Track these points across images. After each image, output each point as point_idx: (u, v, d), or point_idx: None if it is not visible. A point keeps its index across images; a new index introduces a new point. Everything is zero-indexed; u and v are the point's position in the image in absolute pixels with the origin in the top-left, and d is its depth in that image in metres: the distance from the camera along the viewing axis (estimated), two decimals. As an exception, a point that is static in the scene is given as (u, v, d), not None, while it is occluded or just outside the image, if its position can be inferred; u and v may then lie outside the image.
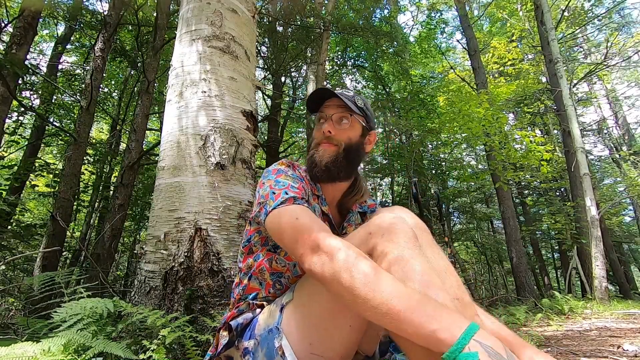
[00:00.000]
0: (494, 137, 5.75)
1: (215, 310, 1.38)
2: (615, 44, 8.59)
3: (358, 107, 0.98)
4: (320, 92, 1.00)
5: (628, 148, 11.22)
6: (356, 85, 10.65)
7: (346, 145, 0.97)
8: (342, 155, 0.97)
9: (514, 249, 6.57)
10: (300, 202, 0.83)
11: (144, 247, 1.56)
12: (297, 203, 0.83)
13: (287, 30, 6.79)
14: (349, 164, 0.99)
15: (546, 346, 1.90)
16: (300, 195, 0.85)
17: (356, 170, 1.05)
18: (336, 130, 0.97)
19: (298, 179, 0.93)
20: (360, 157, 1.03)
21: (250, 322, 0.90)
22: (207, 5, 1.83)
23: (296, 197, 0.84)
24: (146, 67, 4.54)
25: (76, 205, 5.23)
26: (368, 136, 1.04)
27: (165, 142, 1.69)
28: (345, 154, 0.97)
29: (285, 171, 0.95)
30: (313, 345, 0.77)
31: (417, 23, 12.28)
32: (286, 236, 0.78)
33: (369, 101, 1.12)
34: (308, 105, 1.04)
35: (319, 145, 0.99)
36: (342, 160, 0.97)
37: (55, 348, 0.82)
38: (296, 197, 0.84)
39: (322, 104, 1.02)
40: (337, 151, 0.97)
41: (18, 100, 3.64)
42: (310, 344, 0.77)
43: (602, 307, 4.01)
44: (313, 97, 1.01)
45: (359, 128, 1.01)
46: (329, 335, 0.76)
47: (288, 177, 0.92)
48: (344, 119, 0.98)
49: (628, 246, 13.59)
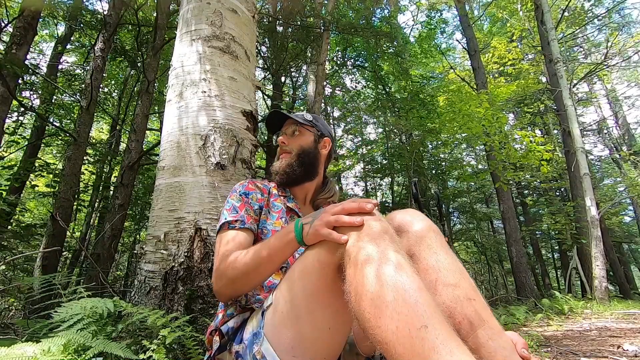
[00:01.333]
0: (494, 137, 5.75)
1: (215, 310, 1.39)
2: (615, 44, 8.59)
3: (306, 120, 1.18)
4: (274, 115, 1.21)
5: (628, 148, 11.22)
6: (356, 85, 10.66)
7: (299, 151, 1.15)
8: (294, 159, 1.14)
9: (514, 249, 6.58)
10: (232, 227, 0.99)
11: (144, 247, 1.56)
12: (230, 228, 0.99)
13: (287, 30, 6.79)
14: (304, 166, 1.15)
15: (546, 346, 1.90)
16: (235, 218, 1.00)
17: (318, 171, 1.20)
18: (289, 140, 1.17)
19: (244, 195, 1.07)
20: (317, 160, 1.19)
21: (240, 325, 0.93)
22: (207, 5, 1.83)
23: (230, 221, 0.99)
24: (146, 67, 4.54)
25: (76, 205, 5.23)
26: (322, 141, 1.21)
27: (165, 142, 1.69)
28: (298, 158, 1.14)
29: (237, 189, 1.09)
30: (295, 349, 0.77)
31: (417, 23, 12.28)
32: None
33: (320, 117, 1.32)
34: (267, 127, 1.26)
35: (279, 156, 1.19)
36: (295, 163, 1.14)
37: (55, 348, 0.82)
38: (230, 221, 0.99)
39: (281, 127, 1.22)
40: (291, 157, 1.15)
41: (18, 100, 3.64)
42: (292, 347, 0.77)
43: (602, 307, 4.01)
44: (270, 120, 1.22)
45: (310, 135, 1.19)
46: (309, 338, 0.76)
47: (234, 196, 1.07)
48: (295, 131, 1.18)
49: (628, 246, 13.60)
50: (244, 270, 0.86)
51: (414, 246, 0.83)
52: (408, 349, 0.53)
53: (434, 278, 0.79)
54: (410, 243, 0.83)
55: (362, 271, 0.63)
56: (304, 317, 0.76)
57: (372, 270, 0.62)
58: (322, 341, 0.77)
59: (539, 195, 11.49)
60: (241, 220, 1.00)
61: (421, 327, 0.54)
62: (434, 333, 0.53)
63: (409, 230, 0.85)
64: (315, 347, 0.77)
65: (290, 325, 0.77)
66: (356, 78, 10.51)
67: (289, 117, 1.19)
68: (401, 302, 0.57)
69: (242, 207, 1.03)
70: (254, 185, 1.12)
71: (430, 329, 0.53)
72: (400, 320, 0.55)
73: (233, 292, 0.92)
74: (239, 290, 0.92)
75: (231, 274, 0.88)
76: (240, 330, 0.91)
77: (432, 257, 0.81)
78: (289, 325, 0.77)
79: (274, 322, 0.80)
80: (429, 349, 0.52)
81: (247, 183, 1.12)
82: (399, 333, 0.55)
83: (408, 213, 0.90)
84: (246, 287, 0.90)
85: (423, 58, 10.55)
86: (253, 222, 1.02)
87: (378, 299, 0.59)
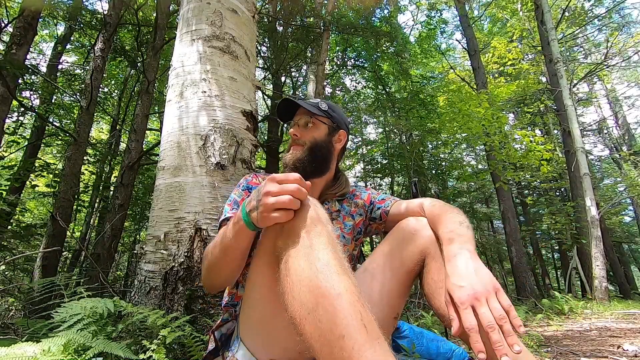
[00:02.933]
0: (494, 137, 5.75)
1: (215, 310, 1.39)
2: (615, 44, 8.59)
3: (321, 109, 1.08)
4: (286, 103, 1.11)
5: (628, 148, 11.22)
6: (356, 86, 10.65)
7: (311, 144, 1.07)
8: (306, 153, 1.06)
9: (514, 249, 6.58)
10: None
11: (144, 247, 1.56)
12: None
13: (287, 30, 6.79)
14: (316, 160, 1.07)
15: (546, 346, 1.90)
16: (233, 215, 0.96)
17: (329, 167, 1.12)
18: (302, 133, 1.08)
19: (247, 189, 1.04)
20: (330, 154, 1.10)
21: (232, 331, 0.92)
22: (207, 5, 1.83)
23: (229, 218, 0.95)
24: (146, 67, 4.54)
25: (76, 205, 5.23)
26: (337, 135, 1.12)
27: (166, 142, 1.68)
28: (310, 152, 1.06)
29: (241, 184, 1.07)
30: (268, 351, 0.76)
31: (417, 23, 12.27)
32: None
33: (338, 105, 1.21)
34: (279, 116, 1.16)
35: (290, 148, 1.10)
36: (306, 158, 1.05)
37: (55, 348, 0.82)
38: (229, 218, 0.95)
39: (293, 115, 1.13)
40: (302, 150, 1.06)
41: (18, 100, 3.64)
42: (265, 348, 0.76)
43: (602, 307, 4.01)
44: (282, 108, 1.12)
45: (324, 128, 1.10)
46: (278, 338, 0.75)
47: (237, 191, 1.05)
48: (309, 123, 1.08)
49: (628, 246, 13.60)
50: (211, 260, 0.85)
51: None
52: (330, 358, 0.54)
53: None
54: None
55: (289, 273, 0.63)
56: (269, 320, 0.75)
57: (299, 272, 0.61)
58: (294, 340, 0.76)
59: (539, 195, 11.48)
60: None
61: (339, 336, 0.54)
62: (350, 342, 0.53)
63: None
64: (289, 345, 0.75)
65: (260, 328, 0.77)
66: (356, 78, 10.50)
67: (302, 106, 1.08)
68: (322, 311, 0.56)
69: (242, 201, 1.01)
70: (258, 180, 1.09)
71: (346, 339, 0.54)
72: (322, 329, 0.56)
73: (210, 283, 0.91)
74: (215, 282, 0.89)
75: (205, 264, 0.88)
76: (232, 336, 0.91)
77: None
78: (259, 328, 0.77)
79: (246, 326, 0.80)
80: (347, 358, 0.53)
81: (252, 177, 1.09)
82: (321, 340, 0.55)
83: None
84: (219, 278, 0.88)
85: (423, 58, 10.56)
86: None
87: (302, 304, 0.59)
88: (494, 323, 0.64)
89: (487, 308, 0.66)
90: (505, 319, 0.64)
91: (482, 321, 0.65)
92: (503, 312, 0.65)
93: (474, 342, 0.63)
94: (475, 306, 0.67)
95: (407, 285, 0.92)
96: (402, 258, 0.90)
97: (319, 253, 0.62)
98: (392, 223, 1.02)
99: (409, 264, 0.90)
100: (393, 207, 1.08)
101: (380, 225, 1.12)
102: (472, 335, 0.64)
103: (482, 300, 0.67)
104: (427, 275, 0.88)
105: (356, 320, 0.55)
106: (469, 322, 0.65)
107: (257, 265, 0.78)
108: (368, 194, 1.17)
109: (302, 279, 0.60)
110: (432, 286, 0.87)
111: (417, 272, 0.91)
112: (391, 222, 1.04)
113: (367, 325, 0.55)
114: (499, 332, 0.63)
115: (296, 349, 0.74)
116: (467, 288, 0.69)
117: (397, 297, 0.91)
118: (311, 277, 0.60)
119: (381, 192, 1.19)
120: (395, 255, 0.92)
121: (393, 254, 0.92)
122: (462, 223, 0.85)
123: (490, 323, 0.64)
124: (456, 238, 0.80)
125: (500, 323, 0.64)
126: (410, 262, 0.90)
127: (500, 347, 0.61)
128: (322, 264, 0.61)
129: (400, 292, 0.91)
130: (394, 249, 0.93)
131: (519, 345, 0.62)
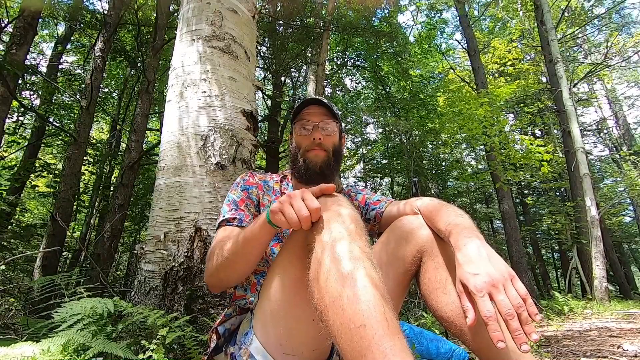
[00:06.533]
0: (494, 138, 5.75)
1: (215, 310, 1.39)
2: (615, 44, 8.59)
3: (337, 114, 1.07)
4: (309, 102, 1.06)
5: (628, 148, 11.21)
6: (356, 86, 10.66)
7: (333, 150, 1.06)
8: (332, 159, 1.05)
9: (514, 249, 6.57)
10: (229, 224, 0.96)
11: (144, 247, 1.56)
12: (227, 225, 0.96)
13: (287, 30, 6.79)
14: (337, 165, 1.08)
15: (546, 346, 1.90)
16: (233, 216, 0.97)
17: (336, 173, 1.14)
18: (324, 137, 1.04)
19: (245, 189, 1.04)
20: (341, 159, 1.13)
21: (237, 327, 0.92)
22: (207, 5, 1.83)
23: (227, 219, 0.97)
24: (146, 67, 4.54)
25: (76, 205, 5.22)
26: (343, 138, 1.14)
27: (166, 142, 1.68)
28: (335, 158, 1.06)
29: (238, 183, 1.06)
30: (283, 346, 0.76)
31: (417, 23, 12.27)
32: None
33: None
34: (294, 113, 1.11)
35: (309, 152, 1.05)
36: (333, 164, 1.05)
37: (55, 348, 0.82)
38: (227, 219, 0.97)
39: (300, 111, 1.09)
40: (328, 156, 1.05)
41: (18, 101, 3.64)
42: (281, 343, 0.76)
43: (602, 307, 4.01)
44: (300, 107, 1.08)
45: (338, 132, 1.09)
46: (296, 332, 0.75)
47: (235, 191, 1.04)
48: (329, 126, 1.05)
49: (628, 246, 13.60)
50: (227, 256, 0.85)
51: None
52: (349, 345, 0.55)
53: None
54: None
55: (316, 263, 0.64)
56: (288, 312, 0.75)
57: (325, 264, 0.63)
58: (310, 334, 0.75)
59: (539, 195, 11.48)
60: (239, 219, 0.98)
61: (360, 325, 0.54)
62: (370, 332, 0.54)
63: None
64: (304, 340, 0.75)
65: (277, 321, 0.77)
66: (356, 78, 10.51)
67: (324, 103, 1.05)
68: (346, 299, 0.57)
69: (242, 202, 1.01)
70: (254, 179, 1.09)
71: (367, 328, 0.54)
72: (344, 317, 0.56)
73: (218, 282, 0.90)
74: (224, 280, 0.90)
75: (215, 262, 0.87)
76: (236, 331, 0.91)
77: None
78: (276, 321, 0.77)
79: (261, 320, 0.80)
80: (366, 347, 0.53)
81: (248, 177, 1.09)
82: (342, 327, 0.56)
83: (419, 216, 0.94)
84: (231, 276, 0.88)
85: (423, 58, 10.56)
86: (252, 220, 0.99)
87: (328, 292, 0.60)
88: (513, 311, 0.63)
89: (504, 295, 0.64)
90: (523, 307, 0.63)
91: (500, 309, 0.63)
92: (520, 300, 0.64)
93: (493, 331, 0.62)
94: (493, 294, 0.65)
95: (405, 285, 0.92)
96: (399, 257, 0.90)
97: (350, 245, 0.64)
98: (386, 224, 1.01)
99: (405, 263, 0.89)
100: (387, 208, 1.08)
101: (375, 227, 1.12)
102: (491, 324, 0.62)
103: (500, 287, 0.65)
104: (424, 275, 0.88)
105: (379, 313, 0.55)
106: (487, 309, 0.63)
107: (284, 257, 0.79)
108: (363, 195, 1.17)
109: (331, 269, 0.61)
110: (429, 286, 0.86)
111: (414, 272, 0.90)
112: (385, 223, 1.04)
113: (389, 320, 0.55)
114: (517, 321, 0.62)
115: (315, 347, 0.76)
116: (482, 275, 0.67)
117: (394, 297, 0.90)
118: (339, 268, 0.61)
119: (376, 193, 1.19)
120: (391, 255, 0.91)
121: (389, 254, 0.91)
122: (463, 215, 0.84)
123: (509, 311, 0.62)
124: (461, 227, 0.78)
125: (518, 311, 0.63)
126: (407, 261, 0.89)
127: (520, 334, 0.61)
128: (353, 255, 0.62)
129: (397, 292, 0.91)
130: (390, 248, 0.92)
131: (536, 334, 0.61)
